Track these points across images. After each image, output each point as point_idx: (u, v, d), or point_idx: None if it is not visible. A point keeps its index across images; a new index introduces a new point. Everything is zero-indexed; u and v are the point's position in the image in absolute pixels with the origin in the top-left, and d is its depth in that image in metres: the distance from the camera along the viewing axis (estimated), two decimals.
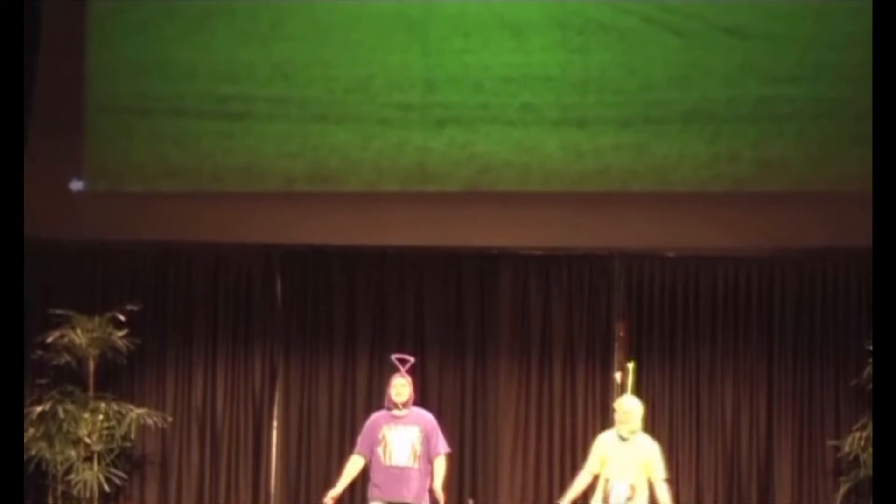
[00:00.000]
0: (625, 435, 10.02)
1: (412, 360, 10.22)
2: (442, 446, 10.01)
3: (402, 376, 10.03)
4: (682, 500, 11.78)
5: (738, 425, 11.85)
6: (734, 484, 11.83)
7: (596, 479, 10.08)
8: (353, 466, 9.95)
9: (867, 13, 11.40)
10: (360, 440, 10.05)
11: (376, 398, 11.84)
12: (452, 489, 10.80)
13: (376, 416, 10.09)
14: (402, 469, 9.81)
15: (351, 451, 10.79)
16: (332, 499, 9.95)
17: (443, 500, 9.87)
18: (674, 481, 11.86)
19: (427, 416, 10.12)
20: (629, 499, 9.84)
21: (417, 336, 11.96)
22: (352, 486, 10.57)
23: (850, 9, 11.91)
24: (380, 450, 9.87)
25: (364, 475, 10.13)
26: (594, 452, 10.13)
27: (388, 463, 9.82)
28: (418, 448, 9.88)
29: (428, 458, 9.91)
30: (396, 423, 9.91)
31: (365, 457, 9.96)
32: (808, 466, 11.76)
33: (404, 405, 9.95)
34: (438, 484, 9.88)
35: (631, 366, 10.55)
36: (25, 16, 11.25)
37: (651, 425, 11.62)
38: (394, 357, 10.27)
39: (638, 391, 10.59)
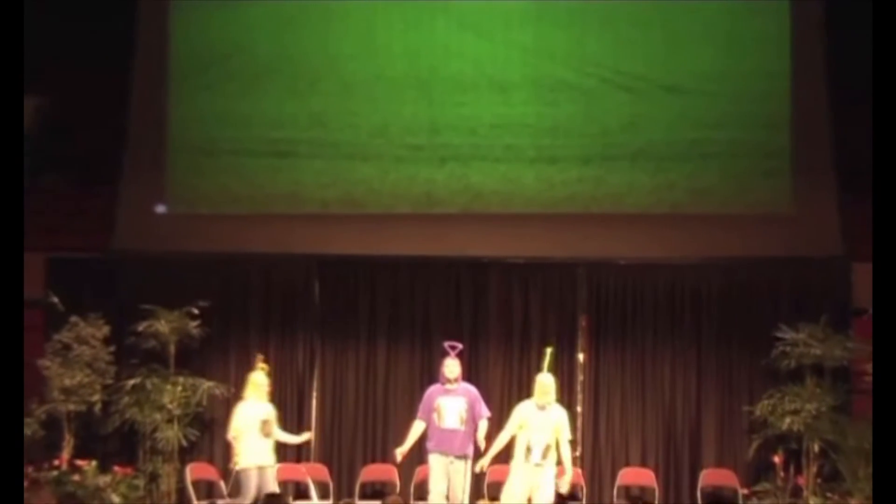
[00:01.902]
0: (543, 404, 10.48)
1: (461, 346, 10.92)
2: (484, 412, 10.68)
3: (453, 358, 10.74)
4: (631, 456, 12.45)
5: (674, 396, 12.48)
6: (671, 442, 12.44)
7: (513, 439, 10.51)
8: (416, 429, 10.67)
9: (779, 74, 12.58)
10: (420, 409, 10.75)
11: (393, 377, 12.64)
12: None
13: (432, 389, 10.78)
14: (453, 430, 10.53)
15: (372, 416, 12.39)
16: (402, 454, 10.73)
17: (484, 446, 10.50)
18: (625, 440, 12.49)
19: (472, 389, 10.80)
20: (545, 456, 10.38)
21: (424, 328, 12.57)
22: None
23: (765, 71, 12.58)
24: (435, 416, 10.56)
25: (421, 439, 10.80)
26: (514, 418, 10.56)
27: (441, 426, 10.54)
28: (464, 414, 10.56)
29: (473, 421, 10.56)
30: (448, 394, 10.62)
31: (424, 421, 10.64)
32: (729, 427, 12.35)
33: (455, 381, 10.67)
34: (481, 437, 10.53)
35: (549, 350, 11.04)
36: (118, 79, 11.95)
37: (606, 397, 12.59)
38: (446, 344, 10.93)
39: (554, 370, 10.98)
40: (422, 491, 11.12)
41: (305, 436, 11.45)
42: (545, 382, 10.61)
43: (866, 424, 11.18)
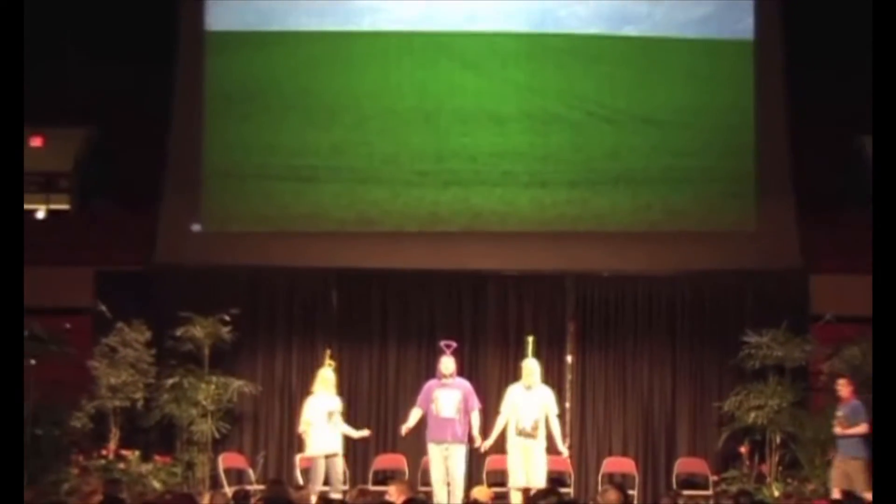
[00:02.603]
0: (529, 384, 11.00)
1: (455, 344, 11.31)
2: (476, 404, 11.03)
3: (448, 356, 11.13)
4: (614, 446, 12.81)
5: (652, 393, 12.90)
6: (649, 434, 12.87)
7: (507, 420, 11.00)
8: (415, 414, 11.06)
9: (744, 109, 13.01)
10: (419, 399, 11.11)
11: (402, 376, 12.92)
12: None
13: (430, 383, 11.12)
14: (449, 419, 10.91)
15: (383, 407, 12.73)
16: (407, 429, 11.11)
17: (480, 441, 10.93)
18: (608, 432, 12.86)
19: (466, 384, 11.14)
20: (534, 429, 10.86)
21: (430, 332, 12.84)
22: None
23: (731, 105, 13.12)
24: (433, 406, 10.93)
25: (422, 426, 11.13)
26: (506, 401, 11.03)
27: (439, 415, 10.93)
28: (459, 405, 10.91)
29: (466, 412, 10.92)
30: (444, 388, 10.98)
31: (422, 409, 11.01)
32: (700, 420, 12.79)
33: (451, 376, 11.03)
34: (476, 431, 10.92)
35: (530, 339, 11.63)
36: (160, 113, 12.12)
37: (592, 394, 12.95)
38: (442, 343, 11.34)
39: (538, 355, 11.49)
40: (428, 477, 11.38)
41: (364, 432, 11.54)
42: (530, 366, 11.13)
43: (822, 418, 11.85)
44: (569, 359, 13.02)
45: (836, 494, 10.19)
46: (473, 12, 13.44)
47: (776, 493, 11.69)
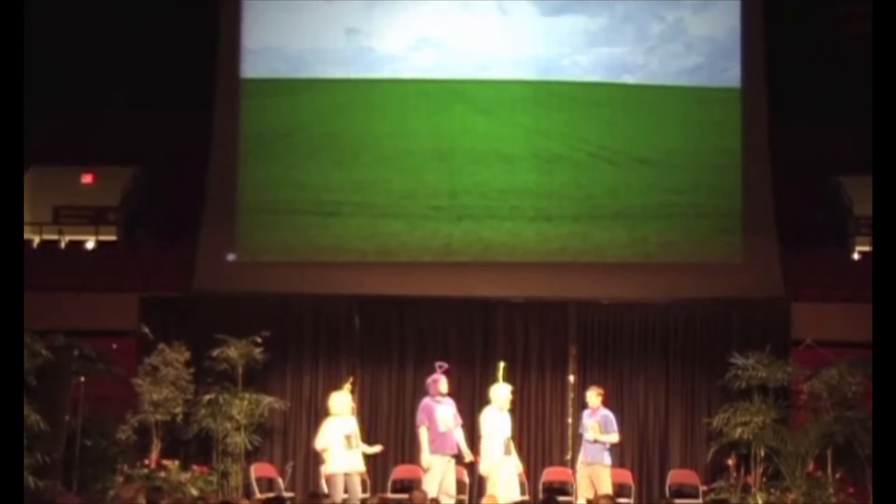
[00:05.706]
0: (502, 408, 11.19)
1: (447, 365, 11.57)
2: (459, 420, 11.36)
3: (443, 375, 11.40)
4: (613, 458, 12.26)
5: (647, 410, 12.97)
6: (644, 447, 12.94)
7: (480, 440, 11.23)
8: (424, 434, 11.16)
9: (732, 151, 13.19)
10: (423, 418, 11.12)
11: (419, 394, 12.39)
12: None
13: (427, 401, 11.21)
14: (448, 433, 11.19)
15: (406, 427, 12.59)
16: (427, 463, 11.01)
17: (470, 455, 11.20)
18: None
19: (451, 401, 11.43)
20: (507, 446, 11.05)
21: (443, 354, 12.67)
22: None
23: (720, 148, 13.37)
24: (437, 422, 11.12)
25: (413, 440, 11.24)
26: (487, 423, 11.13)
27: (441, 430, 11.14)
28: (453, 421, 11.25)
29: (455, 427, 11.23)
30: (440, 405, 11.22)
31: (428, 427, 11.12)
32: (691, 435, 12.87)
33: (444, 394, 11.32)
34: (464, 446, 11.23)
35: (501, 364, 11.56)
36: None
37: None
38: (437, 364, 11.53)
39: (508, 379, 11.44)
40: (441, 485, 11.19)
41: (377, 447, 11.66)
42: (506, 390, 11.30)
43: (802, 433, 12.09)
44: (570, 378, 13.12)
45: (584, 498, 10.41)
46: (485, 61, 13.67)
47: (760, 503, 11.91)
